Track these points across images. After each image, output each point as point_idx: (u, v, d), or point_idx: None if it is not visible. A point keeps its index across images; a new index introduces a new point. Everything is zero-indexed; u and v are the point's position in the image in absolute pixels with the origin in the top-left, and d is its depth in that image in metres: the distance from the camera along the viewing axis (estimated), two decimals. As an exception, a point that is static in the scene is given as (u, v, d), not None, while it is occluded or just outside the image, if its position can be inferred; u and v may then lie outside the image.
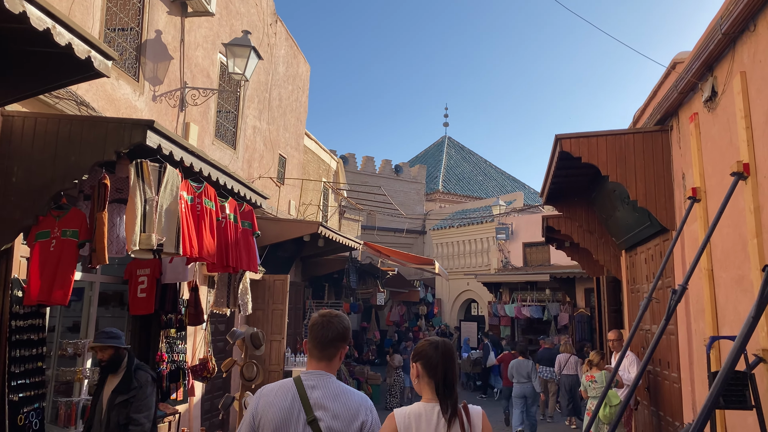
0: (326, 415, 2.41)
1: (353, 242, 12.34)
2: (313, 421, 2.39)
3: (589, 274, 12.88)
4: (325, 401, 2.44)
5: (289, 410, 2.42)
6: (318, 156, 14.83)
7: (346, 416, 2.43)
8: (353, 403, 2.48)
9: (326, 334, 2.53)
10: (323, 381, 2.50)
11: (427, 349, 2.56)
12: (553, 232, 10.92)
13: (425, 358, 2.55)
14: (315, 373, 2.53)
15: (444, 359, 2.52)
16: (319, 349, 2.55)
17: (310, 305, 12.91)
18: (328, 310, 2.64)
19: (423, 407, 2.50)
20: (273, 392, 2.50)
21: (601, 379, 7.26)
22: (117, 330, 4.68)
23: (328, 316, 2.59)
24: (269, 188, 11.12)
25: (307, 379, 2.50)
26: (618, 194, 7.73)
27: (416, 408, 2.51)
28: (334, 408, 2.43)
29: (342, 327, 2.57)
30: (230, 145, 9.56)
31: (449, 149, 33.56)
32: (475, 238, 21.85)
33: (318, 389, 2.46)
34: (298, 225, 10.44)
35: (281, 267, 11.45)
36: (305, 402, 2.42)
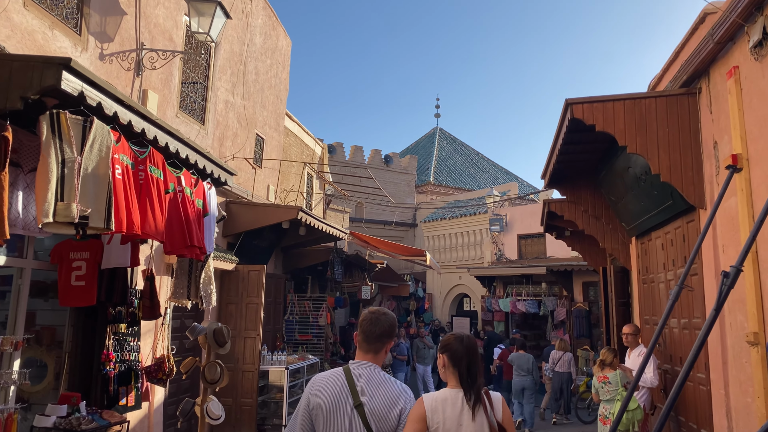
0: (370, 401, 2.66)
1: (338, 231, 11.40)
2: (359, 405, 2.64)
3: (591, 266, 12.01)
4: (369, 389, 2.69)
5: (338, 395, 2.68)
6: (301, 140, 13.85)
7: (387, 403, 2.67)
8: (394, 392, 2.72)
9: (374, 330, 2.79)
10: (369, 371, 2.75)
11: (453, 343, 2.86)
12: (555, 218, 10.03)
13: (451, 350, 2.84)
14: (362, 363, 2.79)
15: (468, 352, 2.82)
16: (367, 343, 2.81)
17: (291, 299, 11.97)
18: (377, 308, 2.90)
19: (449, 393, 2.78)
20: (325, 379, 2.78)
21: (616, 380, 6.37)
22: None
23: (377, 313, 2.85)
24: (244, 170, 10.14)
25: (355, 368, 2.76)
26: (633, 172, 6.83)
27: (443, 393, 2.79)
28: (377, 395, 2.68)
29: (388, 324, 2.84)
30: (198, 120, 8.57)
31: (441, 141, 32.65)
32: (468, 230, 20.96)
33: (364, 378, 2.72)
34: (275, 210, 9.48)
35: (258, 257, 10.49)
36: (352, 388, 2.69)
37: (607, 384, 6.41)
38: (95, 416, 5.36)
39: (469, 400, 2.72)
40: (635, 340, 7.01)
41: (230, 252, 9.33)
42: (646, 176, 6.50)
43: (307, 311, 11.90)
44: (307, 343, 11.77)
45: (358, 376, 2.74)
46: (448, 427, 2.69)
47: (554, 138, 7.25)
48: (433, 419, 2.69)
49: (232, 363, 9.12)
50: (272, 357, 9.41)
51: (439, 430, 2.69)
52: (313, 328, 11.81)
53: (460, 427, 2.70)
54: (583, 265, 15.95)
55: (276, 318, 11.43)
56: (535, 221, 18.90)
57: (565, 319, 16.65)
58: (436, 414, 2.70)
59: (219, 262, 8.65)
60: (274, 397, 9.41)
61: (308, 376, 10.52)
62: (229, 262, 8.98)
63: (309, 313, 11.88)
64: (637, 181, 6.88)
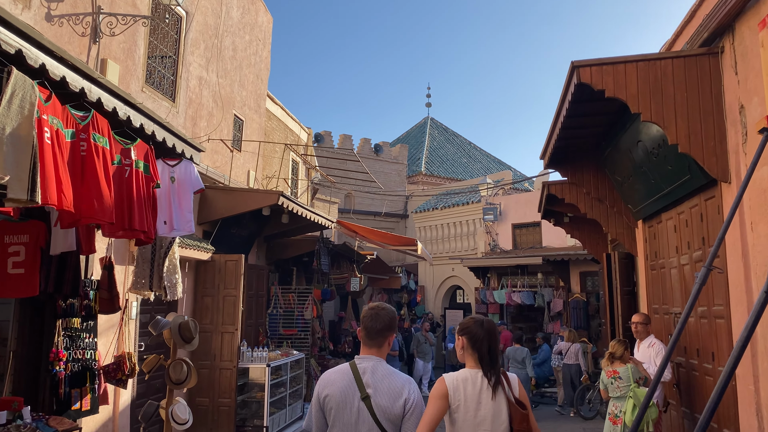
0: (375, 393, 2.81)
1: (324, 219, 10.73)
2: (365, 397, 2.79)
3: (591, 254, 11.44)
4: (374, 381, 2.83)
5: (347, 388, 2.84)
6: (285, 124, 13.14)
7: (391, 394, 2.81)
8: (398, 384, 2.85)
9: (375, 325, 2.93)
10: (373, 364, 2.89)
11: (472, 326, 2.99)
12: (554, 202, 9.41)
13: (470, 333, 2.98)
14: (367, 357, 2.93)
15: (488, 335, 2.95)
16: (369, 338, 2.94)
17: (275, 292, 11.29)
18: (377, 303, 3.02)
19: (469, 373, 2.91)
20: (334, 374, 2.93)
21: (627, 374, 5.75)
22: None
23: (377, 309, 2.99)
24: (221, 153, 9.45)
25: (360, 362, 2.91)
26: (643, 146, 6.21)
27: (463, 373, 2.92)
28: (381, 387, 2.82)
29: (388, 318, 2.96)
30: (167, 96, 7.87)
31: (432, 130, 31.95)
32: (461, 221, 20.33)
33: (369, 371, 2.86)
34: (254, 195, 8.79)
35: (238, 247, 9.81)
36: (359, 382, 2.84)
37: (618, 379, 5.79)
38: (40, 423, 4.68)
39: (489, 379, 2.87)
40: (645, 330, 6.39)
41: (206, 241, 8.65)
42: (659, 149, 5.87)
43: (292, 304, 11.24)
44: (292, 338, 11.11)
45: (363, 370, 2.87)
46: (469, 405, 2.85)
47: (556, 111, 6.62)
48: (454, 397, 2.85)
49: (209, 360, 8.46)
50: (252, 353, 8.74)
51: (460, 407, 2.84)
52: (299, 322, 11.16)
53: (480, 404, 2.84)
54: (580, 255, 15.37)
55: (258, 312, 10.76)
56: (530, 210, 18.31)
57: (562, 310, 16.09)
58: (457, 392, 2.85)
59: (193, 251, 7.98)
60: (255, 396, 8.76)
61: (293, 373, 9.88)
62: (204, 252, 8.30)
63: (294, 307, 11.22)
64: (647, 157, 6.25)
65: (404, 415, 2.78)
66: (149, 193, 4.62)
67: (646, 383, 5.75)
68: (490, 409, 2.83)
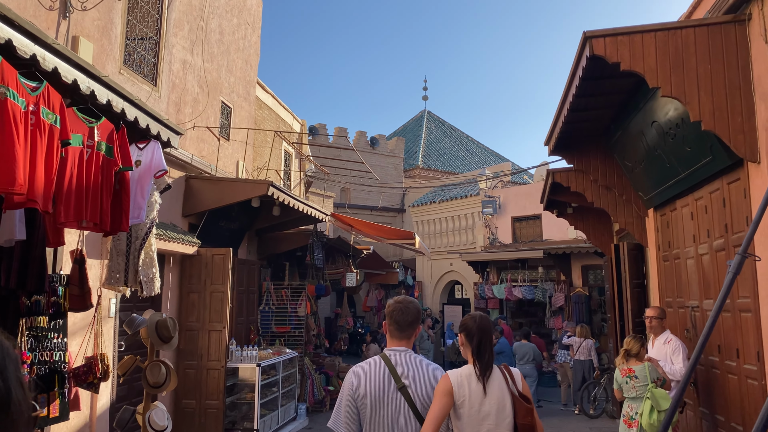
0: (413, 383, 2.87)
1: (317, 212, 10.26)
2: (402, 387, 2.84)
3: (596, 246, 11.00)
4: (410, 372, 2.89)
5: (382, 381, 2.86)
6: (276, 114, 12.64)
7: (429, 382, 2.89)
8: (433, 372, 2.95)
9: (405, 318, 2.97)
10: (405, 356, 2.95)
11: (468, 322, 3.10)
12: (558, 192, 8.97)
13: (465, 328, 3.10)
14: (398, 349, 2.97)
15: (479, 329, 3.03)
16: (399, 331, 2.99)
17: (267, 288, 10.82)
18: (403, 297, 3.13)
19: (470, 368, 2.98)
20: (366, 368, 2.94)
21: (644, 374, 5.31)
22: None
23: (404, 302, 3.04)
24: (207, 142, 8.97)
25: (392, 355, 2.95)
26: (658, 127, 5.75)
27: (466, 369, 2.99)
28: (417, 377, 2.89)
29: (416, 311, 3.04)
30: (148, 80, 7.38)
31: (429, 124, 31.48)
32: (459, 214, 19.88)
33: (403, 362, 2.91)
34: (242, 186, 8.32)
35: (227, 241, 9.35)
36: (394, 373, 2.87)
37: (633, 379, 5.35)
38: (-2, 434, 4.20)
39: (477, 372, 2.93)
40: (660, 325, 5.95)
41: (192, 234, 8.17)
42: (677, 129, 5.42)
43: (285, 301, 10.77)
44: (285, 335, 10.65)
45: (397, 362, 2.91)
46: (474, 400, 2.90)
47: (564, 91, 6.18)
48: (459, 393, 2.89)
49: (195, 360, 8.00)
50: (242, 352, 8.28)
51: (465, 403, 2.90)
52: (292, 319, 10.70)
53: (484, 398, 2.90)
54: (582, 248, 14.95)
55: (249, 308, 10.30)
56: (531, 202, 17.86)
57: (564, 305, 15.67)
58: (461, 388, 2.90)
59: (176, 245, 7.50)
60: (245, 397, 8.30)
61: (285, 372, 9.43)
62: (189, 245, 7.83)
63: (287, 303, 10.75)
64: (663, 138, 5.80)
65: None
66: (109, 180, 4.14)
67: (664, 384, 5.30)
68: (495, 403, 2.90)
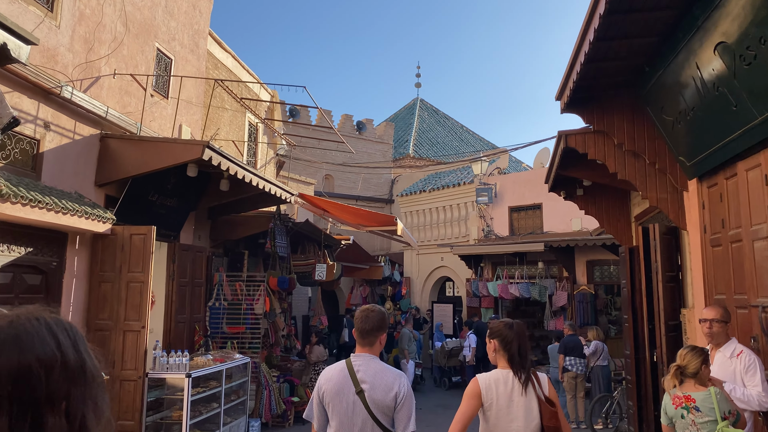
0: (370, 387, 3.01)
1: (279, 189, 8.53)
2: (360, 392, 3.01)
3: (610, 233, 9.28)
4: (367, 377, 3.04)
5: (342, 383, 3.05)
6: (238, 77, 10.86)
7: (384, 388, 3.01)
8: (389, 379, 3.04)
9: (365, 326, 3.14)
10: (366, 362, 3.11)
11: (503, 329, 3.20)
12: (570, 164, 7.28)
13: (501, 336, 3.19)
14: (360, 355, 3.14)
15: (517, 336, 3.17)
16: (362, 338, 3.16)
17: (219, 279, 9.07)
18: (369, 306, 3.26)
19: (500, 373, 3.11)
20: (331, 371, 3.13)
21: (710, 404, 3.57)
22: None
23: (367, 311, 3.20)
24: (134, 95, 7.20)
25: (355, 360, 3.13)
26: (729, 46, 4.03)
27: (495, 374, 3.12)
28: (375, 382, 3.02)
29: (377, 319, 3.16)
30: (40, 1, 5.61)
31: (422, 112, 29.72)
32: (452, 204, 18.15)
33: (362, 368, 3.08)
34: (170, 147, 6.57)
35: (163, 221, 7.62)
36: (353, 377, 3.05)
37: (694, 411, 3.61)
38: None
39: (520, 378, 3.07)
40: (724, 332, 4.22)
41: (108, 209, 6.42)
42: (763, 46, 3.70)
43: (240, 296, 9.03)
44: (238, 337, 8.91)
45: (357, 367, 3.09)
46: (501, 404, 3.04)
47: (582, 29, 4.53)
48: (487, 396, 3.06)
49: (107, 368, 6.22)
50: (169, 359, 6.52)
51: (492, 405, 3.04)
52: (248, 317, 8.95)
53: (512, 402, 3.04)
54: (588, 240, 13.26)
55: (195, 304, 8.57)
56: (530, 190, 16.16)
57: (566, 304, 13.97)
58: (489, 391, 3.06)
59: (81, 220, 5.75)
60: (172, 416, 6.56)
61: (232, 383, 7.69)
62: (99, 221, 6.07)
63: (242, 299, 9.01)
64: (732, 65, 4.07)
65: (395, 407, 3.00)
66: None
67: (738, 420, 3.57)
68: (522, 407, 3.02)
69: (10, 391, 0.91)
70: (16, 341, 0.95)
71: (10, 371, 0.92)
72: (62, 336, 1.00)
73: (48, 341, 0.97)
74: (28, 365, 0.93)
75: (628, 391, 8.68)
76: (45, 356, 0.95)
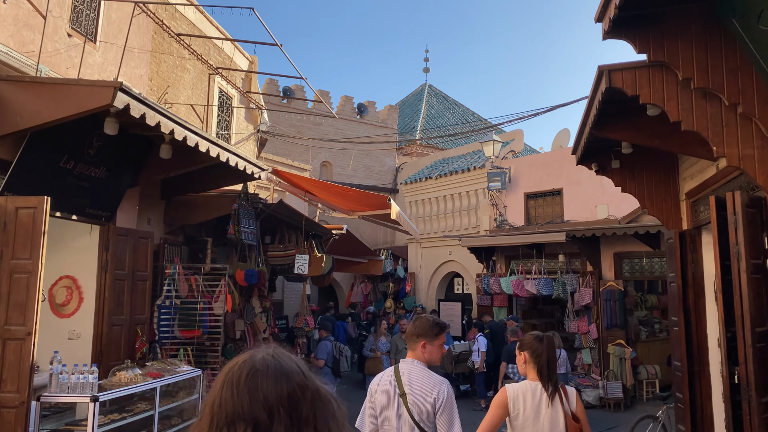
0: (411, 391, 3.12)
1: (241, 160, 6.87)
2: (403, 394, 3.14)
3: (653, 214, 7.48)
4: (410, 381, 3.17)
5: (389, 387, 3.22)
6: (203, 33, 9.16)
7: (423, 392, 3.12)
8: (430, 384, 3.15)
9: (409, 332, 3.35)
10: (410, 367, 3.24)
11: (533, 342, 3.34)
12: (608, 122, 5.53)
13: (531, 348, 3.33)
14: (407, 360, 3.31)
15: (547, 349, 3.29)
16: (408, 343, 3.36)
17: (174, 271, 7.40)
18: (420, 314, 3.59)
19: (529, 384, 3.25)
20: (381, 376, 3.33)
21: None
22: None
23: (416, 318, 3.43)
24: (37, 30, 5.54)
25: (402, 365, 3.29)
26: None
27: (524, 385, 3.26)
28: (415, 386, 3.13)
29: (422, 326, 3.31)
30: None
31: (430, 98, 27.94)
32: (460, 192, 16.39)
33: (406, 373, 3.22)
34: (68, 91, 4.89)
35: (87, 196, 6.01)
36: (399, 381, 3.20)
37: None
38: None
39: (547, 390, 3.19)
40: None
41: None
42: None
43: (196, 292, 7.36)
44: (193, 343, 7.24)
45: (403, 371, 3.22)
46: (528, 414, 3.16)
47: None
48: (514, 406, 3.19)
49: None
50: (71, 376, 4.85)
51: (519, 416, 3.17)
52: (205, 318, 7.28)
53: (539, 414, 3.15)
54: (617, 229, 11.45)
55: (137, 303, 6.93)
56: (548, 174, 14.33)
57: (591, 303, 12.19)
58: (517, 402, 3.19)
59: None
60: (75, 454, 4.89)
61: (169, 405, 6.01)
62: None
63: (199, 296, 7.34)
64: None
65: (435, 412, 3.06)
66: None
67: None
68: (548, 420, 3.13)
69: (284, 410, 1.13)
70: (283, 372, 1.17)
71: (281, 395, 1.14)
72: (304, 368, 1.22)
73: (297, 371, 1.19)
74: (293, 390, 1.16)
75: (678, 412, 6.92)
76: (300, 383, 1.17)
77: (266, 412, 1.11)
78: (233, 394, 1.13)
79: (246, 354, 1.21)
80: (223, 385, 1.16)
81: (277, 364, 1.17)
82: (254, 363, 1.18)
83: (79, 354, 6.37)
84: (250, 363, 1.18)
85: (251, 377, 1.14)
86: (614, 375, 11.42)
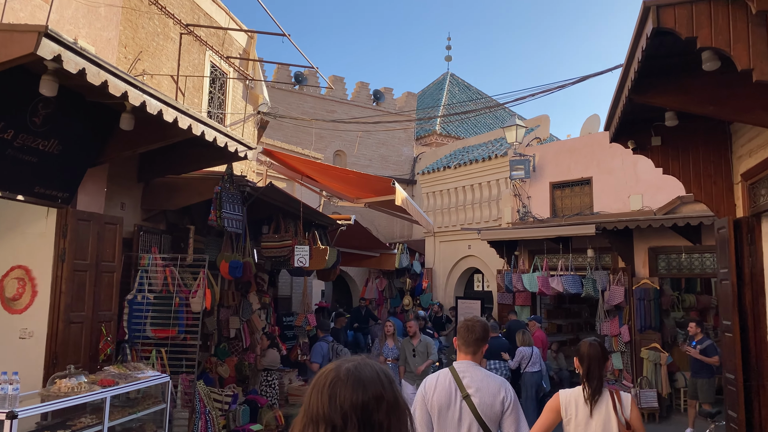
0: (477, 392, 3.14)
1: (220, 134, 5.98)
2: (466, 396, 3.14)
3: (700, 199, 6.37)
4: (474, 383, 3.20)
5: (449, 390, 3.20)
6: (196, 4, 8.30)
7: (491, 392, 3.16)
8: (496, 384, 3.21)
9: (470, 336, 3.34)
10: (470, 369, 3.28)
11: (581, 347, 3.49)
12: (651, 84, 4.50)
13: (578, 354, 3.49)
14: (464, 362, 3.31)
15: (588, 355, 3.42)
16: (465, 346, 3.35)
17: (149, 262, 6.55)
18: (472, 317, 3.50)
19: (579, 390, 3.40)
20: (435, 379, 3.30)
21: None
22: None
23: (471, 321, 3.42)
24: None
25: (459, 368, 3.29)
26: None
27: (577, 390, 3.41)
28: (482, 387, 3.16)
29: (481, 329, 3.38)
30: None
31: (452, 87, 26.85)
32: (481, 182, 15.33)
33: (467, 375, 3.24)
34: (-13, 36, 4.01)
35: (38, 173, 5.18)
36: (459, 384, 3.20)
37: None
38: None
39: (586, 395, 3.32)
40: None
41: None
42: None
43: (171, 286, 6.49)
44: (167, 344, 6.38)
45: (462, 373, 3.23)
46: (580, 420, 3.26)
47: None
48: (567, 411, 3.32)
49: None
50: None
51: (571, 421, 3.30)
52: (181, 316, 6.41)
53: (590, 419, 3.24)
54: (653, 221, 10.31)
55: (102, 297, 6.09)
56: (576, 162, 13.18)
57: (623, 302, 11.05)
58: (569, 407, 3.32)
59: None
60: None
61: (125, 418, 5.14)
62: None
63: (174, 291, 6.47)
64: None
65: (503, 412, 3.11)
66: None
67: None
68: (600, 426, 3.22)
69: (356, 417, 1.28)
70: (360, 382, 1.32)
71: (356, 404, 1.30)
72: (385, 379, 1.36)
73: (377, 383, 1.34)
74: (368, 400, 1.31)
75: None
76: (376, 394, 1.32)
77: (341, 417, 1.30)
78: (318, 398, 1.34)
79: (336, 362, 1.39)
80: (313, 388, 1.37)
81: (357, 374, 1.35)
82: (338, 372, 1.36)
83: (32, 355, 5.57)
84: (335, 371, 1.37)
85: (333, 385, 1.34)
86: (648, 382, 10.31)
